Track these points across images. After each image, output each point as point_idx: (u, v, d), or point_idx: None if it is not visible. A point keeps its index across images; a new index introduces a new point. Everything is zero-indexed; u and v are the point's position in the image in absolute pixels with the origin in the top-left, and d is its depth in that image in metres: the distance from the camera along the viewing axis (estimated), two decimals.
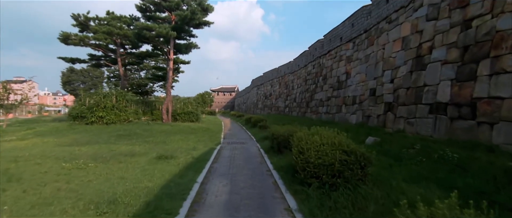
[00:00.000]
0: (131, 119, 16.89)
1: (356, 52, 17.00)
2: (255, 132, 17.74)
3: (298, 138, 6.35)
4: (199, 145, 11.61)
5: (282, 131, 9.41)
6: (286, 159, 8.11)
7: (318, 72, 23.59)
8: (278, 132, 9.48)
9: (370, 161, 4.97)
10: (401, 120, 11.31)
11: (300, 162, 5.43)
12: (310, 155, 5.27)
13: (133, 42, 20.39)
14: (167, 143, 11.42)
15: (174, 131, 14.88)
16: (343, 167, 4.82)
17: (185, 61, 25.44)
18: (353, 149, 5.08)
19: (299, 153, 5.67)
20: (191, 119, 22.32)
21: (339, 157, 4.91)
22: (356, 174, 4.81)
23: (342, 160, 4.88)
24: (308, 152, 5.39)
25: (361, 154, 4.94)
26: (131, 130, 13.97)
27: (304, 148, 5.60)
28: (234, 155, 9.79)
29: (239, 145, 12.60)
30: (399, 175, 5.92)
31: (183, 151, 9.54)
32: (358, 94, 15.70)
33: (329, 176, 4.87)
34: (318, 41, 24.42)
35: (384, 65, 13.40)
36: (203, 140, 13.21)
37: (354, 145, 5.27)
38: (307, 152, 5.42)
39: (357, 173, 4.82)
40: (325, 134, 6.05)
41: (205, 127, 17.80)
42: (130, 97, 17.97)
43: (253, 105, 54.55)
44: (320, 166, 4.99)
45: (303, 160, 5.37)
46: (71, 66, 57.09)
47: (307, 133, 6.58)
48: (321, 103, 21.89)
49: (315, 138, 5.78)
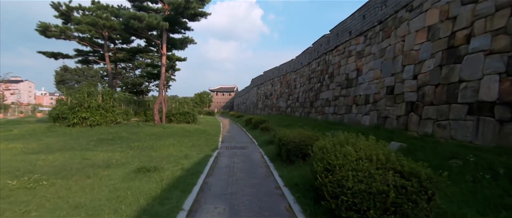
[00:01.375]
0: (119, 120, 15.22)
1: (368, 47, 15.38)
2: (256, 135, 16.10)
3: (322, 148, 4.71)
4: (193, 151, 9.96)
5: (292, 135, 7.76)
6: (300, 172, 6.47)
7: (324, 69, 21.97)
8: (287, 136, 7.83)
9: (440, 187, 3.32)
10: (429, 122, 9.68)
11: (329, 185, 3.79)
12: (344, 175, 3.63)
13: (123, 36, 18.71)
14: (155, 148, 9.75)
15: (166, 134, 13.21)
16: (401, 198, 3.18)
17: (181, 58, 23.74)
18: (414, 169, 3.43)
19: (326, 171, 4.03)
20: (187, 120, 20.66)
21: (394, 182, 3.26)
22: (421, 208, 3.16)
23: (398, 186, 3.23)
24: (342, 170, 3.75)
25: (427, 177, 3.29)
26: (116, 133, 12.29)
27: (334, 164, 3.96)
28: (233, 165, 8.14)
29: (239, 151, 10.95)
30: (463, 202, 4.29)
31: (172, 160, 7.88)
32: (372, 93, 14.08)
33: (379, 210, 3.22)
34: (323, 37, 22.80)
35: (404, 60, 11.78)
36: (198, 145, 11.55)
37: (413, 163, 3.62)
38: (339, 171, 3.78)
39: (422, 207, 3.17)
40: (362, 144, 4.41)
41: (201, 129, 16.15)
42: (119, 96, 16.27)
43: (252, 105, 52.90)
44: (363, 194, 3.34)
45: (334, 182, 3.73)
46: (64, 65, 55.38)
47: (333, 141, 4.93)
48: (327, 103, 20.27)
49: (348, 150, 4.14)
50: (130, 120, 16.04)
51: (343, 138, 4.89)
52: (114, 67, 21.80)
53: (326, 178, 3.89)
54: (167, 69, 26.87)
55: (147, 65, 25.94)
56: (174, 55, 23.61)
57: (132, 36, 16.71)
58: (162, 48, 16.35)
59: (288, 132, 8.50)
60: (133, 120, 16.09)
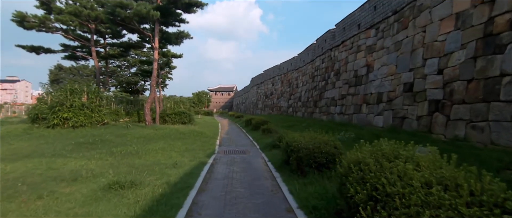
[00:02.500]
0: (106, 121, 13.80)
1: (380, 40, 14.00)
2: (257, 137, 14.71)
3: (358, 163, 3.33)
4: (185, 157, 8.57)
5: (304, 140, 6.37)
6: (316, 188, 5.09)
7: (329, 66, 20.59)
8: (298, 141, 6.43)
9: None
10: (460, 123, 8.31)
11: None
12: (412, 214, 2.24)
13: (113, 30, 17.29)
14: (141, 154, 8.35)
15: (156, 137, 11.81)
16: None
17: (176, 54, 22.35)
18: None
19: (373, 202, 2.64)
20: (182, 120, 19.25)
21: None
22: None
23: None
24: (403, 204, 2.36)
25: None
26: (100, 136, 10.89)
27: (388, 191, 2.57)
28: (232, 175, 6.75)
29: (239, 156, 9.56)
30: None
31: (157, 170, 6.48)
32: (386, 91, 12.71)
33: None
34: (328, 32, 21.43)
35: (425, 53, 10.41)
36: (192, 149, 10.15)
37: None
38: (399, 204, 2.40)
39: None
40: (422, 159, 3.03)
41: (198, 131, 14.75)
42: (108, 95, 14.84)
43: (252, 105, 51.52)
44: None
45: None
46: (59, 64, 53.83)
47: (373, 152, 3.55)
48: (333, 102, 18.89)
49: (405, 169, 2.75)
50: (119, 121, 14.63)
51: (389, 149, 3.48)
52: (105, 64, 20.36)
53: (377, 215, 2.50)
54: (163, 67, 25.48)
55: (140, 62, 24.45)
56: (169, 52, 22.22)
57: (120, 27, 15.31)
58: (154, 41, 14.94)
59: (298, 135, 7.11)
60: (123, 120, 14.69)
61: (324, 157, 5.92)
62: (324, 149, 6.00)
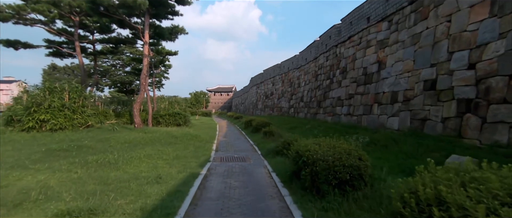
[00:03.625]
0: (90, 123, 12.41)
1: (394, 34, 12.69)
2: (258, 140, 13.35)
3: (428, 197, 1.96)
4: (173, 167, 7.21)
5: (321, 150, 5.03)
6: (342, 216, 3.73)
7: (334, 64, 19.28)
8: (313, 151, 5.09)
9: None
10: (501, 126, 6.99)
11: None
12: None
13: (101, 24, 15.88)
14: (121, 164, 6.98)
15: (144, 141, 10.45)
16: None
17: (171, 52, 20.94)
18: None
19: None
20: (177, 122, 17.89)
21: None
22: None
23: None
24: None
25: None
26: (79, 141, 9.53)
27: None
28: (229, 192, 5.42)
29: (238, 165, 8.21)
30: None
31: (134, 188, 5.12)
32: (402, 89, 11.39)
33: None
34: (333, 27, 20.12)
35: (452, 45, 9.09)
36: (184, 156, 8.79)
37: None
38: None
39: None
40: None
41: (192, 133, 13.38)
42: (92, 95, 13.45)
43: (252, 106, 50.19)
44: None
45: None
46: (53, 63, 52.28)
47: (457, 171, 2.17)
48: (339, 102, 17.58)
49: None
50: (105, 123, 13.27)
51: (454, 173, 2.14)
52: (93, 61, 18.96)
53: None
54: (157, 65, 24.08)
55: (133, 60, 23.02)
56: (163, 48, 20.83)
57: (106, 19, 13.93)
58: (144, 35, 13.57)
59: (311, 142, 5.75)
60: (108, 122, 13.33)
61: (348, 172, 4.58)
62: (347, 161, 4.66)
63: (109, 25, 16.39)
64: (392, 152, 8.42)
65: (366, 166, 4.81)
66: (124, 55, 29.29)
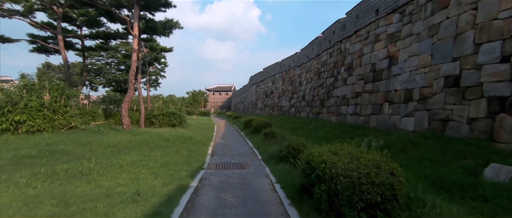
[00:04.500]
0: (74, 125, 11.27)
1: (407, 26, 11.59)
2: (258, 143, 12.24)
3: None
4: (159, 177, 6.11)
5: (342, 163, 3.92)
6: None
7: (339, 61, 18.17)
8: (330, 163, 3.99)
9: None
10: None
11: None
12: None
13: (89, 17, 14.70)
14: (96, 175, 5.86)
15: (131, 145, 9.32)
16: None
17: (166, 48, 19.81)
18: None
19: None
20: (172, 122, 16.76)
21: None
22: None
23: None
24: None
25: None
26: (55, 145, 8.41)
27: None
28: (223, 213, 4.35)
29: (235, 174, 7.11)
30: None
31: (100, 211, 4.04)
32: (418, 87, 10.29)
33: None
34: (337, 22, 19.01)
35: (479, 35, 7.99)
36: (174, 163, 7.68)
37: None
38: None
39: None
40: None
41: (187, 135, 12.27)
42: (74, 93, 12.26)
43: (251, 105, 49.08)
44: None
45: None
46: (47, 62, 50.99)
47: None
48: (344, 101, 16.48)
49: None
50: (91, 124, 12.14)
51: None
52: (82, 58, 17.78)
53: None
54: (151, 62, 22.94)
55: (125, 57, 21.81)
56: (158, 45, 19.69)
57: (90, 8, 12.80)
58: (133, 28, 12.43)
59: (326, 150, 4.64)
60: (94, 124, 12.21)
61: (378, 192, 3.48)
62: (377, 177, 3.55)
63: (97, 19, 15.25)
64: (413, 158, 7.33)
65: (400, 183, 3.70)
66: (119, 53, 28.08)
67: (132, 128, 12.89)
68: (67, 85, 12.51)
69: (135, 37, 12.67)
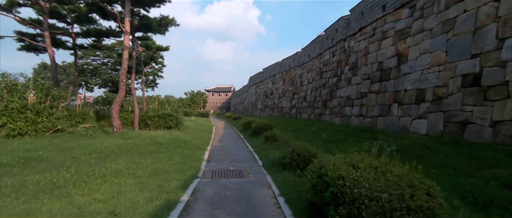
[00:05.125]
0: (59, 127, 10.48)
1: (418, 21, 10.84)
2: (259, 147, 11.46)
3: None
4: (145, 190, 5.33)
5: (365, 180, 3.14)
6: None
7: (342, 60, 17.42)
8: (349, 180, 3.20)
9: None
10: None
11: None
12: None
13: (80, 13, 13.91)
14: (70, 188, 5.08)
15: (120, 150, 8.52)
16: None
17: (162, 46, 19.05)
18: None
19: None
20: (168, 124, 15.97)
21: None
22: None
23: None
24: None
25: None
26: (34, 151, 7.62)
27: None
28: None
29: (233, 183, 6.34)
30: None
31: None
32: (431, 86, 9.53)
33: None
34: (340, 19, 18.26)
35: (502, 29, 7.23)
36: (165, 171, 6.90)
37: None
38: None
39: None
40: None
41: (182, 138, 11.49)
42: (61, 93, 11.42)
43: (251, 106, 48.30)
44: None
45: None
46: (43, 62, 50.21)
47: None
48: (348, 102, 15.72)
49: None
50: (78, 127, 11.35)
51: None
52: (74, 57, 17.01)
53: None
54: (147, 61, 22.17)
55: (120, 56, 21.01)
56: (154, 44, 18.92)
57: (80, 2, 12.04)
58: (124, 23, 11.65)
59: (340, 159, 3.87)
60: (81, 126, 11.43)
61: None
62: (412, 201, 2.77)
63: (89, 16, 14.49)
64: (432, 166, 6.53)
65: (441, 207, 2.92)
66: (115, 52, 27.29)
67: (124, 131, 12.09)
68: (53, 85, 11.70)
69: (126, 34, 11.88)
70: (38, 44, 14.86)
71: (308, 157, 6.83)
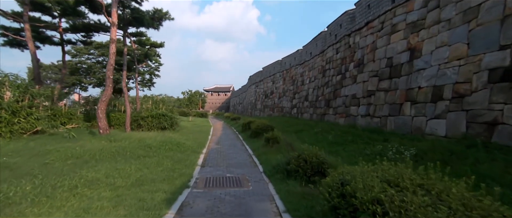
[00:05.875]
0: (39, 129, 9.50)
1: (433, 12, 9.90)
2: (258, 150, 10.50)
3: None
4: (121, 205, 4.40)
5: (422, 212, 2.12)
6: None
7: (347, 56, 16.47)
8: (393, 207, 2.20)
9: None
10: None
11: None
12: None
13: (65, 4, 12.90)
14: (25, 206, 4.12)
15: (103, 154, 7.56)
16: None
17: (156, 43, 18.06)
18: None
19: None
20: (162, 125, 14.99)
21: None
22: None
23: None
24: None
25: None
26: (3, 155, 6.66)
27: None
28: None
29: (230, 195, 5.40)
30: None
31: None
32: (450, 82, 8.59)
33: None
34: (345, 14, 17.32)
35: None
36: (150, 180, 5.93)
37: None
38: None
39: None
40: None
41: (175, 140, 10.52)
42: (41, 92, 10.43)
43: (250, 106, 47.33)
44: None
45: None
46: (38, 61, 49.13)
47: None
48: (354, 101, 14.76)
49: None
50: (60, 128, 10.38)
51: None
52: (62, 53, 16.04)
53: None
54: (141, 58, 21.19)
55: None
56: (148, 40, 17.93)
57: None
58: (111, 14, 10.67)
59: (371, 174, 2.90)
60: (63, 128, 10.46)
61: None
62: None
63: (76, 8, 13.51)
64: (462, 174, 5.58)
65: None
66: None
67: (111, 132, 11.12)
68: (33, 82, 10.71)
69: (113, 26, 10.89)
70: (23, 39, 13.88)
71: (316, 163, 5.89)
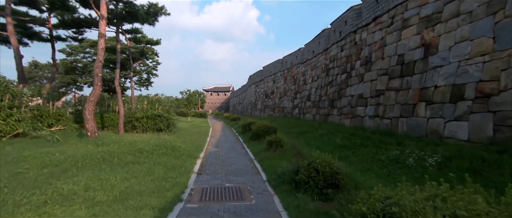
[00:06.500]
0: (20, 131, 8.67)
1: (451, 4, 9.10)
2: (261, 154, 9.66)
3: None
4: None
5: None
6: None
7: (353, 54, 15.66)
8: None
9: None
10: None
11: None
12: None
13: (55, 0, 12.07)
14: None
15: (87, 161, 6.72)
16: None
17: (152, 40, 17.22)
18: None
19: None
20: (158, 126, 14.17)
21: None
22: None
23: None
24: None
25: None
26: None
27: None
28: None
29: (228, 214, 4.59)
30: None
31: None
32: (473, 81, 7.79)
33: None
34: (350, 10, 16.52)
35: None
36: (137, 192, 5.13)
37: None
38: None
39: None
40: None
41: (170, 144, 9.70)
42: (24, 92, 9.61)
43: (250, 106, 46.51)
44: None
45: None
46: (34, 60, 48.45)
47: None
48: (361, 101, 13.96)
49: None
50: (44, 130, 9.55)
51: None
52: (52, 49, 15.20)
53: None
54: (136, 56, 20.36)
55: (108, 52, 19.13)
56: (144, 37, 17.10)
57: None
58: (100, 6, 9.81)
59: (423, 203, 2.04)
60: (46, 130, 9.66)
61: None
62: None
63: (64, 2, 12.66)
64: (501, 186, 4.78)
65: None
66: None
67: (102, 135, 10.29)
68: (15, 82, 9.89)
69: (102, 19, 10.05)
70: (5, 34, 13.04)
71: (330, 173, 5.08)
